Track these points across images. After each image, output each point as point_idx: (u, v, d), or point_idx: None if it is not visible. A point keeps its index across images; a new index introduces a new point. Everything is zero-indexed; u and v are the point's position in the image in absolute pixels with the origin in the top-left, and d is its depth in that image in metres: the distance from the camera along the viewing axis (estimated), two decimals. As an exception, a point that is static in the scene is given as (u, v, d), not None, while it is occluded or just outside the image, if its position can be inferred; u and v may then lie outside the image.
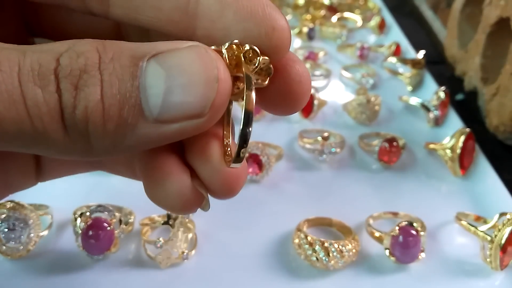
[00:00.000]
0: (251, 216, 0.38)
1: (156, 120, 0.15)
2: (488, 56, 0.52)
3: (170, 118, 0.15)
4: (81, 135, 0.15)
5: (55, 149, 0.15)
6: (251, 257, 0.34)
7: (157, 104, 0.15)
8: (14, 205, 0.32)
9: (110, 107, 0.14)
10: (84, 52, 0.15)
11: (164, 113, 0.15)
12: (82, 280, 0.32)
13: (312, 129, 0.48)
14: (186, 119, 0.15)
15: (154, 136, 0.15)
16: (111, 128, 0.15)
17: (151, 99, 0.15)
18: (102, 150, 0.15)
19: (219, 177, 0.17)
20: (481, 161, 0.43)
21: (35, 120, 0.14)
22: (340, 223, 0.36)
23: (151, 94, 0.15)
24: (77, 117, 0.14)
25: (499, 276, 0.34)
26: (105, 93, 0.14)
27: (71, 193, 0.39)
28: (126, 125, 0.15)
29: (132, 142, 0.15)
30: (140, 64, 0.15)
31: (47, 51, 0.15)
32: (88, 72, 0.14)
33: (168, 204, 0.18)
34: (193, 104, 0.15)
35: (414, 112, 0.52)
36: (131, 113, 0.15)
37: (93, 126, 0.15)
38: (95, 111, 0.14)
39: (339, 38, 0.68)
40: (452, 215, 0.38)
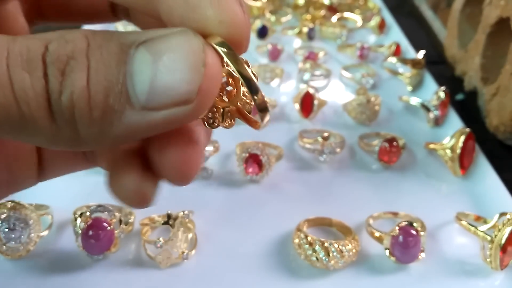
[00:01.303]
0: (251, 216, 0.38)
1: (143, 107, 0.15)
2: (488, 56, 0.52)
3: (157, 105, 0.15)
4: (68, 122, 0.15)
5: (42, 136, 0.15)
6: (251, 257, 0.34)
7: (144, 91, 0.14)
8: (14, 205, 0.32)
9: (96, 94, 0.14)
10: (73, 39, 0.14)
11: (151, 99, 0.15)
12: (82, 280, 0.32)
13: (312, 129, 0.48)
14: (174, 105, 0.15)
15: (142, 124, 0.15)
16: (97, 115, 0.14)
17: (137, 85, 0.14)
18: (89, 138, 0.15)
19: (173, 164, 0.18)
20: (481, 161, 0.43)
21: (22, 104, 0.14)
22: (340, 223, 0.36)
23: (138, 80, 0.14)
24: (63, 103, 0.14)
25: (499, 276, 0.34)
26: (91, 79, 0.14)
27: (71, 193, 0.39)
28: (113, 112, 0.15)
29: (120, 130, 0.15)
30: (128, 51, 0.15)
31: (37, 38, 0.15)
32: (76, 58, 0.14)
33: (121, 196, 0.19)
34: (179, 89, 0.15)
35: (414, 112, 0.52)
36: (118, 100, 0.14)
37: (79, 113, 0.14)
38: (81, 97, 0.14)
39: (339, 38, 0.68)
40: (452, 215, 0.38)
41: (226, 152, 0.44)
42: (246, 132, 0.49)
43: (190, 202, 0.38)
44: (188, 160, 0.18)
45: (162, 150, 0.18)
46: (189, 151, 0.18)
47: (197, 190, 0.40)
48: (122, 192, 0.19)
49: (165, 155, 0.18)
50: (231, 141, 0.45)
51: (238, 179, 0.41)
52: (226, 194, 0.40)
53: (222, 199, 0.40)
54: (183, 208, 0.36)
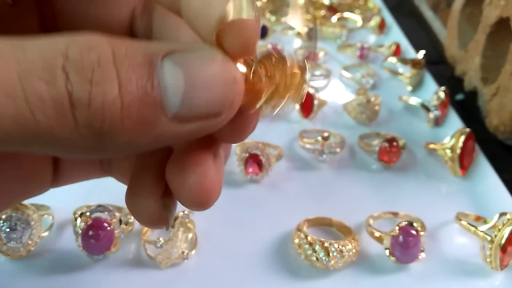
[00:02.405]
0: (251, 216, 0.38)
1: (175, 119, 0.15)
2: (488, 56, 0.52)
3: (189, 118, 0.15)
4: (94, 132, 0.14)
5: (58, 146, 0.14)
6: (251, 257, 0.34)
7: (176, 103, 0.14)
8: (16, 205, 0.32)
9: (129, 104, 0.14)
10: (96, 45, 0.14)
11: (184, 112, 0.15)
12: (82, 280, 0.32)
13: (312, 129, 0.48)
14: (205, 118, 0.15)
15: (170, 134, 0.15)
16: (129, 125, 0.14)
17: (170, 97, 0.14)
18: (113, 148, 0.15)
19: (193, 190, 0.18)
20: (481, 161, 0.43)
21: (37, 114, 0.13)
22: (340, 223, 0.37)
23: (170, 92, 0.14)
24: (92, 113, 0.14)
25: (499, 276, 0.34)
26: (123, 89, 0.14)
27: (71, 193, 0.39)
28: (146, 123, 0.14)
29: (147, 140, 0.15)
30: (154, 61, 0.14)
31: (50, 45, 0.14)
32: (103, 67, 0.14)
33: (137, 216, 0.19)
34: (213, 104, 0.15)
35: (414, 112, 0.52)
36: (152, 110, 0.14)
37: (110, 123, 0.14)
38: (113, 107, 0.14)
39: (339, 38, 0.68)
40: (452, 215, 0.38)
41: (226, 152, 0.44)
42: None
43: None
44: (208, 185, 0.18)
45: (180, 175, 0.18)
46: (209, 174, 0.18)
47: (197, 190, 0.40)
48: (141, 213, 0.19)
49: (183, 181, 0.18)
50: (231, 141, 0.45)
51: (238, 179, 0.41)
52: (226, 194, 0.40)
53: (222, 199, 0.39)
54: (183, 208, 0.36)
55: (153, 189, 0.19)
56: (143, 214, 0.19)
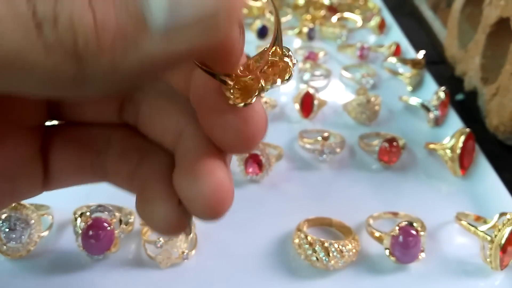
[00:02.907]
0: (251, 216, 0.38)
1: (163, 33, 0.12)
2: (488, 56, 0.52)
3: (179, 29, 0.12)
4: (68, 54, 0.12)
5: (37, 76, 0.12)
6: (251, 257, 0.34)
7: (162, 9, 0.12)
8: (15, 205, 0.32)
9: (103, 15, 0.11)
10: None
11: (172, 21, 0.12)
12: (82, 280, 0.32)
13: (312, 129, 0.48)
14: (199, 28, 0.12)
15: (161, 53, 0.12)
16: (107, 42, 0.12)
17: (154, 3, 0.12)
18: (98, 74, 0.12)
19: (204, 198, 0.17)
20: (481, 161, 0.43)
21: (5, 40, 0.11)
22: (340, 223, 0.37)
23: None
24: (60, 32, 0.11)
25: (499, 276, 0.34)
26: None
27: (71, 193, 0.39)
28: (127, 38, 0.12)
29: (135, 61, 0.12)
30: None
31: None
32: None
33: (153, 225, 0.18)
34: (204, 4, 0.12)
35: (414, 112, 0.52)
36: (132, 22, 0.12)
37: (84, 40, 0.12)
38: (84, 21, 0.11)
39: (339, 38, 0.68)
40: (452, 215, 0.38)
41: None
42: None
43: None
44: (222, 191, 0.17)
45: (193, 185, 0.17)
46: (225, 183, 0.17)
47: (197, 190, 0.40)
48: (159, 222, 0.18)
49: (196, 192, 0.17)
50: (231, 141, 0.45)
51: (238, 179, 0.41)
52: (226, 194, 0.40)
53: (222, 199, 0.40)
54: (183, 208, 0.36)
55: (168, 196, 0.18)
56: (160, 223, 0.18)
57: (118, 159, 0.21)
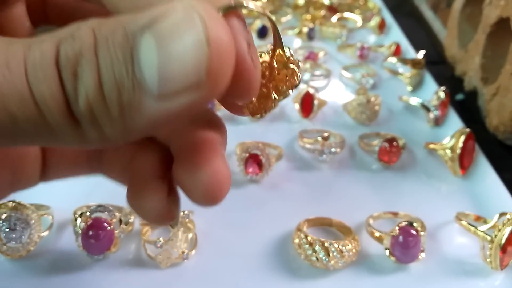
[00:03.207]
0: (251, 216, 0.38)
1: (158, 97, 0.14)
2: (488, 56, 0.52)
3: (171, 92, 0.14)
4: (92, 124, 0.14)
5: (71, 139, 0.15)
6: (251, 257, 0.34)
7: (154, 80, 0.14)
8: (15, 205, 0.32)
9: (109, 92, 0.14)
10: (80, 35, 0.14)
11: (163, 87, 0.14)
12: (82, 280, 0.32)
13: (312, 129, 0.48)
14: (187, 90, 0.14)
15: (162, 113, 0.14)
16: (116, 112, 0.14)
17: (147, 75, 0.14)
18: (116, 135, 0.15)
19: (204, 185, 0.18)
20: (481, 161, 0.43)
21: (46, 114, 0.14)
22: (340, 223, 0.37)
23: (146, 70, 0.14)
24: (80, 106, 0.14)
25: (499, 276, 0.34)
26: (103, 77, 0.14)
27: (71, 193, 0.39)
28: (130, 107, 0.14)
29: (143, 123, 0.14)
30: (134, 40, 0.14)
31: (49, 40, 0.14)
32: (85, 57, 0.14)
33: (143, 215, 0.19)
34: (186, 74, 0.14)
35: (414, 112, 0.52)
36: (131, 94, 0.14)
37: (99, 113, 0.14)
38: (96, 97, 0.14)
39: (339, 38, 0.68)
40: (452, 215, 0.38)
41: (226, 152, 0.44)
42: (246, 132, 0.49)
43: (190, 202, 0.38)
44: (220, 178, 0.18)
45: (193, 173, 0.18)
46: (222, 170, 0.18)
47: (197, 190, 0.40)
48: (148, 212, 0.19)
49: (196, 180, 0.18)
50: (231, 141, 0.44)
51: (238, 179, 0.41)
52: (226, 194, 0.40)
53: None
54: (183, 208, 0.36)
55: (158, 187, 0.19)
56: (150, 213, 0.19)
57: (114, 153, 0.22)
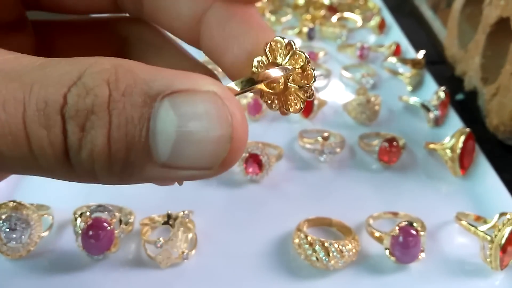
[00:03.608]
0: (251, 216, 0.38)
1: (164, 166, 0.14)
2: (488, 56, 0.52)
3: (178, 166, 0.14)
4: (87, 172, 0.14)
5: (60, 178, 0.15)
6: (251, 257, 0.34)
7: (166, 152, 0.14)
8: (16, 205, 0.32)
9: (117, 151, 0.14)
10: (93, 88, 0.14)
11: (172, 161, 0.14)
12: (82, 280, 0.32)
13: (312, 129, 0.48)
14: (195, 169, 0.15)
15: (160, 177, 0.15)
16: (117, 169, 0.14)
17: (160, 145, 0.14)
18: (108, 183, 0.15)
19: None
20: (481, 161, 0.43)
21: (40, 160, 0.14)
22: (340, 223, 0.36)
23: (160, 140, 0.14)
24: (82, 158, 0.14)
25: (499, 276, 0.34)
26: (113, 136, 0.14)
27: (71, 193, 0.39)
28: (133, 168, 0.14)
29: (139, 180, 0.15)
30: (152, 104, 0.14)
31: (55, 85, 0.14)
32: (96, 113, 0.13)
33: None
34: (202, 159, 0.14)
35: (414, 112, 0.52)
36: (139, 157, 0.14)
37: (99, 167, 0.14)
38: (101, 154, 0.14)
39: (339, 38, 0.68)
40: (452, 215, 0.38)
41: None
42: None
43: (190, 202, 0.38)
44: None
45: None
46: None
47: (197, 190, 0.40)
48: None
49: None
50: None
51: (238, 179, 0.41)
52: (226, 194, 0.40)
53: (222, 199, 0.40)
54: (183, 208, 0.36)
55: None
56: None
57: None
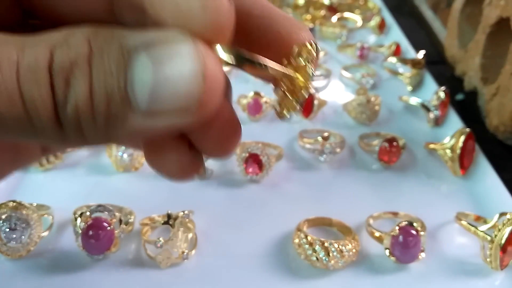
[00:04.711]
0: (251, 216, 0.38)
1: (145, 114, 0.15)
2: (488, 56, 0.52)
3: (158, 112, 0.15)
4: (75, 129, 0.15)
5: (53, 141, 0.16)
6: (251, 257, 0.34)
7: (144, 98, 0.15)
8: (16, 205, 0.32)
9: (99, 103, 0.15)
10: (75, 43, 0.15)
11: (152, 107, 0.15)
12: (82, 280, 0.32)
13: (312, 129, 0.48)
14: (174, 113, 0.15)
15: (145, 128, 0.15)
16: (101, 122, 0.15)
17: (138, 93, 0.15)
18: (96, 141, 0.16)
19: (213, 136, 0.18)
20: (481, 161, 0.43)
21: (34, 117, 0.15)
22: (340, 223, 0.37)
23: (138, 88, 0.15)
24: (68, 113, 0.15)
25: (499, 276, 0.34)
26: (94, 88, 0.14)
27: (71, 193, 0.39)
28: (116, 119, 0.15)
29: (124, 133, 0.15)
30: (129, 56, 0.15)
31: (42, 45, 0.15)
32: (79, 66, 0.14)
33: (167, 171, 0.19)
34: (178, 100, 0.15)
35: (414, 112, 0.52)
36: (120, 107, 0.15)
37: (85, 121, 0.15)
38: (85, 106, 0.15)
39: (339, 38, 0.68)
40: (452, 215, 0.38)
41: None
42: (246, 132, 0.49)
43: (190, 202, 0.38)
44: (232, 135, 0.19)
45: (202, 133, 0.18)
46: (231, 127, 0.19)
47: (197, 190, 0.40)
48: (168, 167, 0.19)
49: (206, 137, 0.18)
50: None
51: (238, 179, 0.41)
52: (226, 194, 0.40)
53: (222, 199, 0.40)
54: (183, 208, 0.36)
55: (179, 140, 0.19)
56: (175, 168, 0.19)
57: None
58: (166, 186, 0.41)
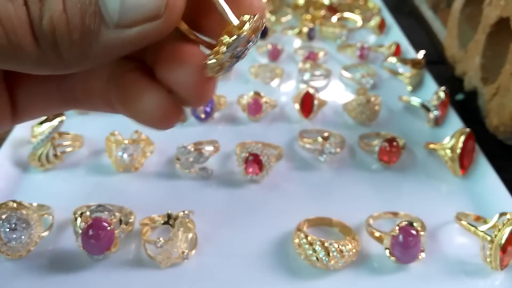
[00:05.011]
0: (251, 216, 0.38)
1: (117, 25, 0.16)
2: (488, 56, 0.52)
3: (130, 22, 0.16)
4: (51, 45, 0.16)
5: (29, 62, 0.16)
6: (251, 257, 0.34)
7: (115, 10, 0.16)
8: (16, 205, 0.32)
9: (73, 17, 0.15)
10: None
11: (123, 17, 0.16)
12: (82, 280, 0.32)
13: (312, 129, 0.48)
14: (145, 21, 0.16)
15: (118, 42, 0.16)
16: (76, 36, 0.16)
17: (109, 5, 0.16)
18: (72, 60, 0.16)
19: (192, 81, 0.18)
20: (481, 161, 0.43)
21: (10, 34, 0.15)
22: (340, 223, 0.37)
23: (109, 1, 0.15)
24: (44, 28, 0.15)
25: (499, 276, 0.34)
26: (67, 3, 0.15)
27: (71, 193, 0.39)
28: (90, 33, 0.16)
29: (99, 49, 0.16)
30: None
31: None
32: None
33: (147, 117, 0.19)
34: (147, 5, 0.16)
35: (414, 112, 0.52)
36: (93, 20, 0.16)
37: (60, 36, 0.15)
38: (60, 21, 0.15)
39: (339, 38, 0.68)
40: (452, 215, 0.38)
41: (226, 152, 0.44)
42: (246, 132, 0.49)
43: (190, 202, 0.38)
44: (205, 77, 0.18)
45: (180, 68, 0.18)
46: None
47: (197, 190, 0.40)
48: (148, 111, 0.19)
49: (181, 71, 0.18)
50: (231, 141, 0.45)
51: (238, 179, 0.41)
52: (226, 194, 0.40)
53: (222, 199, 0.40)
54: (183, 208, 0.36)
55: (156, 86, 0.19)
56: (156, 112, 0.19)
57: (87, 77, 0.21)
58: (166, 186, 0.41)
